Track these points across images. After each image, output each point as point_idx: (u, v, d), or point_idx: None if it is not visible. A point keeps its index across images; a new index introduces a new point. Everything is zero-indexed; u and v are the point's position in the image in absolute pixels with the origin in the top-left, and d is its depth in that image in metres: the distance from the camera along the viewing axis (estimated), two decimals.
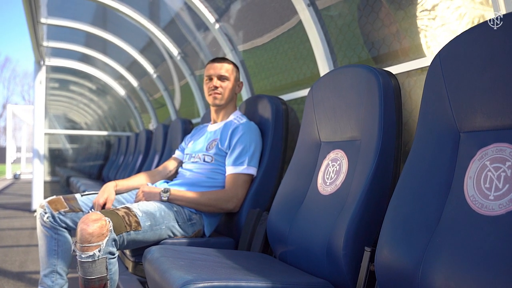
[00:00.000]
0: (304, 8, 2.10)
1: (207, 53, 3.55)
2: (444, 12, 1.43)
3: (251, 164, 1.81)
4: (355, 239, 1.17)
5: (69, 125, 10.88)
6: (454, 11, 1.40)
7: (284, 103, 1.94)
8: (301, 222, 1.42)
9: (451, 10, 1.41)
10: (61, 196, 1.87)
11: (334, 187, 1.36)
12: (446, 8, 1.42)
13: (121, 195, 1.92)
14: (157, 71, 4.66)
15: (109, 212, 1.47)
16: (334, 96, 1.45)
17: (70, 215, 1.79)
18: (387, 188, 1.21)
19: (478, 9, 1.35)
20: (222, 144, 1.87)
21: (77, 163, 10.10)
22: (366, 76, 1.29)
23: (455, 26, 1.40)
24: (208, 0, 2.90)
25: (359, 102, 1.32)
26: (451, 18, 1.41)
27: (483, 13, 1.33)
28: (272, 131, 1.85)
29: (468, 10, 1.37)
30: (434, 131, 1.05)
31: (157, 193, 1.74)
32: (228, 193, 1.77)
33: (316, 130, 1.53)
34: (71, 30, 4.52)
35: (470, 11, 1.36)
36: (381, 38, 1.90)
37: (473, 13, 1.35)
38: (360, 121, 1.32)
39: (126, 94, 6.13)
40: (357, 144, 1.34)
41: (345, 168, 1.35)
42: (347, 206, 1.24)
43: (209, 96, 1.97)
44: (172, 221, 1.66)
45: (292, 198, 1.51)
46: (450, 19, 1.42)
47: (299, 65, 2.59)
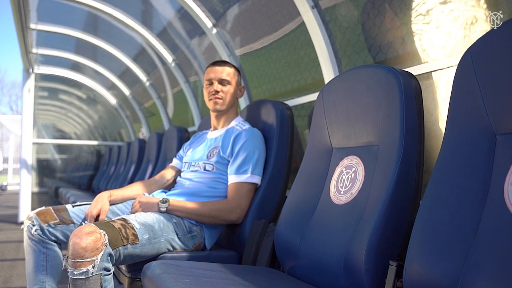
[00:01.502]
0: (308, 10, 2.02)
1: (202, 59, 3.46)
2: (439, 15, 1.48)
3: (255, 173, 1.71)
4: (377, 253, 1.06)
5: (58, 135, 10.67)
6: (448, 14, 1.45)
7: (289, 108, 1.84)
8: (313, 233, 1.32)
9: (445, 14, 1.45)
10: (51, 207, 1.74)
11: (349, 196, 1.26)
12: (441, 12, 1.47)
13: (116, 205, 1.80)
14: (150, 78, 4.55)
15: (104, 224, 1.35)
16: (347, 99, 1.36)
17: (60, 228, 1.67)
18: (410, 197, 1.12)
19: (470, 10, 1.39)
20: (224, 152, 1.77)
21: (66, 174, 9.88)
22: (385, 77, 1.21)
23: (449, 28, 1.44)
24: (205, 4, 2.82)
25: (376, 105, 1.23)
26: (446, 21, 1.45)
27: (475, 14, 1.37)
28: (277, 138, 1.75)
29: (461, 13, 1.41)
30: (465, 134, 0.96)
31: (155, 204, 1.62)
32: (231, 203, 1.66)
33: (327, 135, 1.43)
34: (61, 37, 4.41)
35: (463, 13, 1.40)
36: (389, 42, 1.83)
37: (466, 14, 1.39)
38: (377, 125, 1.23)
39: (117, 103, 6.00)
40: (374, 149, 1.24)
41: (362, 176, 1.25)
42: (367, 217, 1.14)
43: (210, 101, 1.87)
44: (172, 233, 1.54)
45: (302, 208, 1.41)
46: (445, 22, 1.45)
47: (299, 70, 2.51)
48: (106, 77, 5.31)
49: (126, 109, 5.94)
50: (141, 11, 3.74)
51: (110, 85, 5.71)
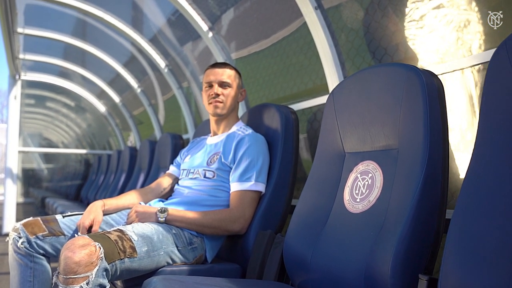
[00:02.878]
0: (311, 11, 1.94)
1: (196, 64, 3.37)
2: (432, 20, 1.50)
3: (259, 180, 1.61)
4: (404, 266, 0.97)
5: (45, 144, 10.43)
6: (441, 18, 1.47)
7: (293, 112, 1.75)
8: (327, 245, 1.22)
9: (439, 18, 1.48)
10: (39, 217, 1.62)
11: (367, 204, 1.17)
12: (434, 17, 1.49)
13: (110, 216, 1.68)
14: (141, 85, 4.44)
15: (99, 236, 1.24)
16: (362, 100, 1.27)
17: (49, 240, 1.54)
18: (436, 204, 1.03)
19: (462, 14, 1.40)
20: (225, 158, 1.66)
21: (52, 183, 9.65)
22: (406, 75, 1.12)
23: (442, 32, 1.46)
24: (201, 8, 2.73)
25: (396, 106, 1.15)
26: (439, 25, 1.47)
27: (467, 17, 1.39)
28: (281, 144, 1.66)
29: (454, 17, 1.43)
30: (502, 131, 0.87)
31: (153, 213, 1.51)
32: (234, 213, 1.56)
33: (339, 140, 1.34)
34: (49, 42, 4.28)
35: (456, 17, 1.42)
36: (395, 44, 1.76)
37: (459, 18, 1.41)
38: (397, 128, 1.14)
39: (106, 110, 5.86)
40: (393, 154, 1.15)
41: (380, 182, 1.16)
42: (389, 226, 1.05)
43: (209, 104, 1.77)
44: (171, 245, 1.43)
45: (313, 217, 1.31)
46: (438, 26, 1.47)
47: (299, 75, 2.43)
48: (95, 84, 5.19)
49: (116, 117, 5.80)
50: (133, 15, 3.64)
51: (100, 93, 5.58)
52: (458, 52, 1.45)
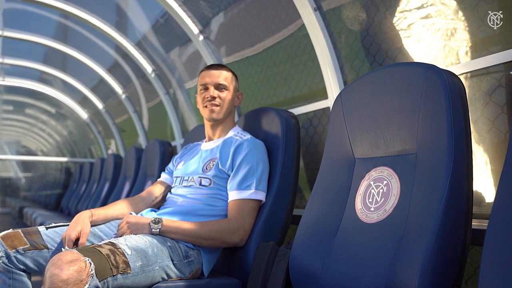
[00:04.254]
0: (310, 13, 1.87)
1: (184, 69, 3.27)
2: (420, 29, 1.51)
3: (259, 188, 1.51)
4: (433, 281, 0.89)
5: (23, 152, 10.11)
6: (429, 27, 1.47)
7: (294, 117, 1.67)
8: (339, 257, 1.13)
9: (426, 27, 1.48)
10: (20, 229, 1.49)
11: (382, 213, 1.08)
12: (422, 26, 1.50)
13: (97, 227, 1.55)
14: (126, 91, 4.30)
15: (89, 250, 1.12)
16: (374, 102, 1.19)
17: (31, 254, 1.41)
18: (463, 213, 0.95)
19: (449, 23, 1.41)
20: (223, 165, 1.56)
21: (31, 193, 9.34)
22: (425, 75, 1.05)
23: (429, 41, 1.47)
24: (192, 10, 2.64)
25: (413, 108, 1.07)
26: (427, 34, 1.48)
27: (454, 25, 1.39)
28: (282, 150, 1.57)
29: (441, 26, 1.43)
30: None
31: (146, 224, 1.40)
32: (233, 223, 1.46)
33: (349, 145, 1.26)
34: (29, 46, 4.13)
35: (443, 26, 1.43)
36: (398, 47, 1.70)
37: (446, 26, 1.41)
38: (415, 131, 1.07)
39: (89, 117, 5.69)
40: (410, 159, 1.08)
41: (397, 190, 1.08)
42: (411, 237, 0.97)
43: (205, 108, 1.67)
44: (167, 259, 1.32)
45: (321, 227, 1.22)
46: (426, 35, 1.48)
47: (293, 80, 2.35)
48: (77, 90, 5.02)
49: (99, 124, 5.63)
50: (119, 17, 3.52)
51: (82, 99, 5.42)
52: (447, 61, 1.42)
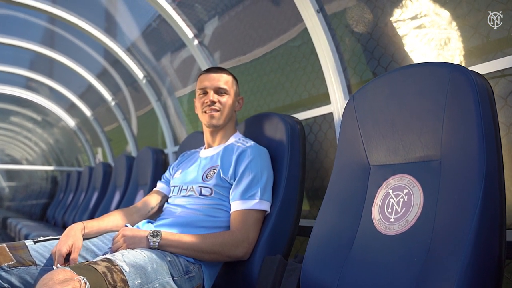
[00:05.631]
0: (313, 15, 1.80)
1: (176, 76, 3.17)
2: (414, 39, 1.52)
3: (264, 198, 1.42)
4: None
5: (7, 160, 9.84)
6: (423, 37, 1.49)
7: (299, 122, 1.59)
8: (357, 271, 1.04)
9: (420, 38, 1.50)
10: (5, 244, 1.37)
11: (404, 224, 1.00)
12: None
13: (90, 240, 1.44)
14: (116, 98, 4.19)
15: (83, 268, 1.01)
16: (391, 105, 1.12)
17: (17, 271, 1.29)
18: (496, 224, 0.87)
19: (443, 33, 1.42)
20: (225, 173, 1.47)
21: (15, 203, 9.08)
22: (449, 76, 0.98)
23: (424, 50, 1.47)
24: (187, 14, 2.56)
25: (437, 111, 1.00)
26: (420, 44, 1.49)
27: (448, 35, 1.40)
28: (288, 157, 1.48)
29: (435, 35, 1.44)
30: None
31: (144, 237, 1.30)
32: (236, 236, 1.36)
33: (363, 151, 1.18)
34: (14, 52, 3.99)
35: (436, 36, 1.44)
36: (405, 51, 1.63)
37: (440, 36, 1.43)
38: (439, 135, 0.99)
39: (76, 125, 5.54)
40: (434, 166, 1.00)
41: (420, 199, 1.00)
42: (439, 251, 0.89)
43: (204, 113, 1.58)
44: (166, 275, 1.22)
45: (336, 239, 1.14)
46: (419, 45, 1.49)
47: (292, 86, 2.27)
48: (65, 97, 4.88)
49: (86, 132, 5.49)
50: (109, 22, 3.42)
51: (69, 106, 5.27)
52: None
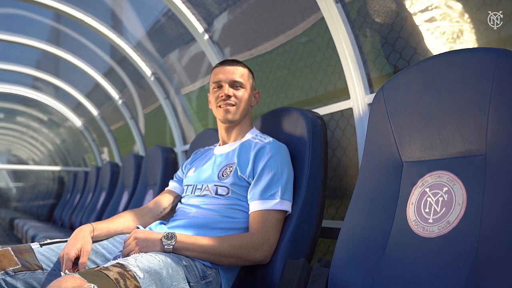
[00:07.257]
0: (332, 5, 1.71)
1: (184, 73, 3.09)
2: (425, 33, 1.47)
3: (285, 197, 1.33)
4: None
5: (14, 161, 9.83)
6: (434, 30, 1.45)
7: (320, 117, 1.50)
8: (392, 276, 0.96)
9: (431, 31, 1.45)
10: (10, 247, 1.29)
11: (445, 225, 0.91)
12: (426, 30, 1.47)
13: (99, 243, 1.36)
14: (123, 96, 4.12)
15: (94, 274, 0.93)
16: (426, 96, 1.03)
17: (22, 276, 1.22)
18: None
19: (454, 26, 1.38)
20: (242, 171, 1.38)
21: (22, 203, 9.06)
22: (496, 62, 0.89)
23: (435, 44, 1.43)
24: (196, 7, 2.48)
25: (481, 101, 0.91)
26: (431, 37, 1.44)
27: (460, 27, 1.36)
28: (309, 154, 1.39)
29: (446, 29, 1.41)
30: None
31: (157, 240, 1.21)
32: (256, 238, 1.27)
33: (394, 146, 1.09)
34: (21, 51, 3.93)
35: (448, 29, 1.40)
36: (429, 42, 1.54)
37: (452, 29, 1.38)
38: (483, 128, 0.90)
39: (82, 125, 5.49)
40: (477, 161, 0.91)
41: (462, 198, 0.91)
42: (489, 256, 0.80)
43: (218, 108, 1.50)
44: (182, 281, 1.13)
45: (366, 242, 1.05)
46: (430, 38, 1.45)
47: (307, 81, 2.18)
48: (71, 96, 4.82)
49: (93, 132, 5.43)
50: (116, 18, 3.35)
51: (75, 105, 5.22)
52: None
